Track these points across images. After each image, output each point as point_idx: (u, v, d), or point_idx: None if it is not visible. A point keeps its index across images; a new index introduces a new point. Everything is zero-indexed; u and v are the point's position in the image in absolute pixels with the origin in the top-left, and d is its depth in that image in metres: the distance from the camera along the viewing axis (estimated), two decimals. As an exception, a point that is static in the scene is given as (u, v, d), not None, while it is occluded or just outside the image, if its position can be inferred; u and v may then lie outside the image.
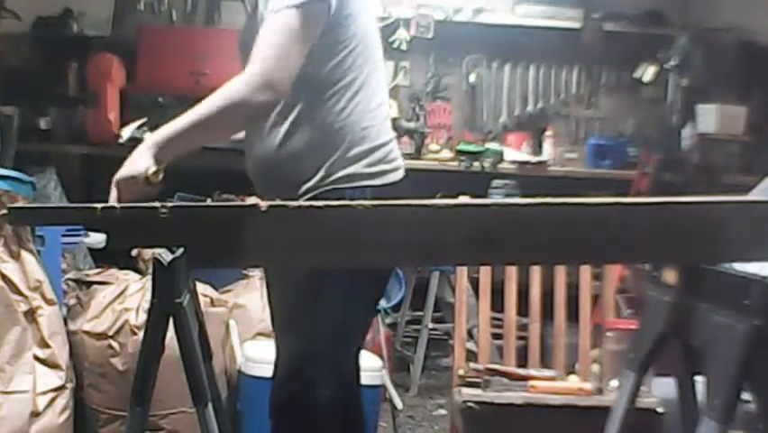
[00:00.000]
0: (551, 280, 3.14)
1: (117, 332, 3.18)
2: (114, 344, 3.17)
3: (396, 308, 4.57)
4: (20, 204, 2.91)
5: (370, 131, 2.21)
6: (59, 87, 4.90)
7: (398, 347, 4.68)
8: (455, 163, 5.06)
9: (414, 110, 5.31)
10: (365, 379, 3.12)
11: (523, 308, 3.15)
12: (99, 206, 1.68)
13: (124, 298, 3.27)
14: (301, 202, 1.72)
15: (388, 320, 4.52)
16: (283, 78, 2.05)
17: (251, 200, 2.33)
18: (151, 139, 2.05)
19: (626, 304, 3.84)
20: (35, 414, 2.91)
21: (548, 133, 5.26)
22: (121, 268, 3.58)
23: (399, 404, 3.56)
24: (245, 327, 3.42)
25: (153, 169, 2.00)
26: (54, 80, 4.90)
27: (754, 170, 4.37)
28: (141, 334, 2.77)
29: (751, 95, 4.89)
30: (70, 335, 3.18)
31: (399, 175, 2.25)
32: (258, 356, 3.16)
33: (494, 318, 3.23)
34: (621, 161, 5.16)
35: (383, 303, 4.48)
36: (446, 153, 5.16)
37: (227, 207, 1.82)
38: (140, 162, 2.00)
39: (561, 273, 3.15)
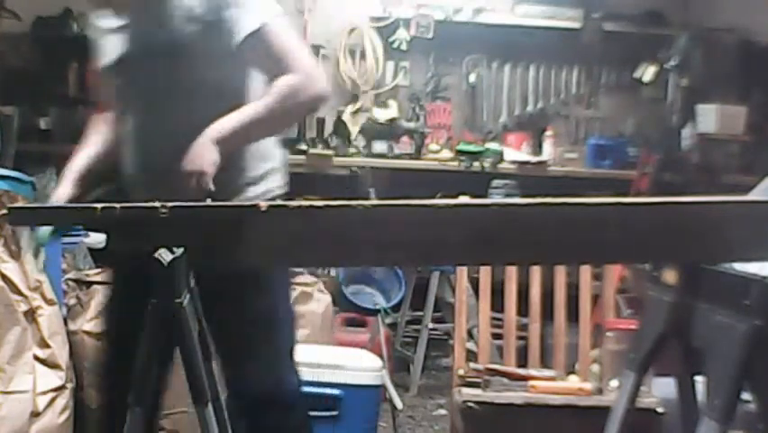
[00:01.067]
0: (551, 280, 3.14)
1: (117, 332, 3.17)
2: (114, 344, 3.16)
3: (396, 308, 4.57)
4: (20, 204, 2.91)
5: (276, 148, 2.31)
6: (59, 87, 4.90)
7: (398, 347, 4.68)
8: (455, 163, 5.06)
9: (414, 110, 5.31)
10: (365, 379, 3.14)
11: (523, 308, 3.15)
12: (99, 206, 1.68)
13: (124, 298, 3.27)
14: (301, 202, 1.72)
15: (388, 320, 4.52)
16: (322, 73, 2.20)
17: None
18: (216, 132, 2.07)
19: (626, 304, 3.84)
20: (35, 414, 2.91)
21: (548, 133, 5.27)
22: (121, 268, 3.57)
23: (399, 404, 3.56)
24: (245, 327, 3.41)
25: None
26: (54, 80, 4.90)
27: (754, 170, 4.37)
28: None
29: (751, 95, 4.89)
30: (70, 335, 3.18)
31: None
32: (258, 356, 3.16)
33: (494, 318, 3.23)
34: (621, 161, 5.17)
35: (383, 303, 4.49)
36: (446, 153, 5.16)
37: (227, 207, 1.82)
38: (210, 157, 2.04)
39: (561, 273, 3.15)
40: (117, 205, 1.72)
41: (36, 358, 2.98)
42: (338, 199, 1.74)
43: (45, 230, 2.09)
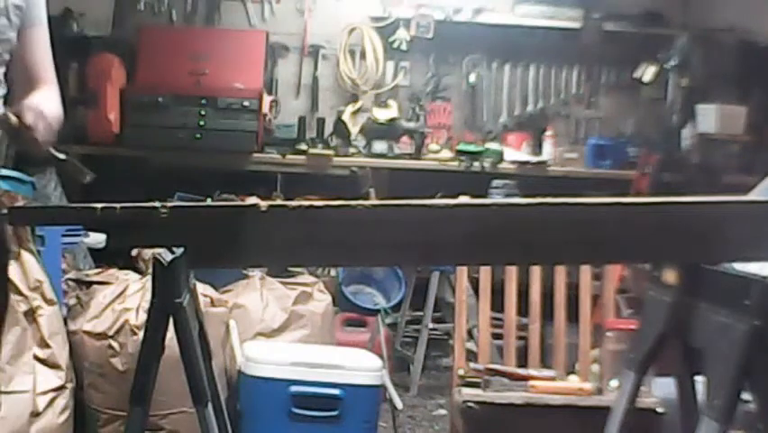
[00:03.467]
0: (551, 280, 3.14)
1: (117, 332, 3.17)
2: (114, 344, 3.16)
3: (396, 308, 4.57)
4: (20, 204, 2.91)
5: None
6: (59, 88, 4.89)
7: (398, 347, 4.68)
8: (455, 163, 5.06)
9: (414, 110, 5.31)
10: (365, 379, 3.14)
11: (523, 308, 3.14)
12: (99, 206, 1.68)
13: (124, 298, 3.27)
14: (301, 202, 1.72)
15: (388, 320, 4.51)
16: None
17: (251, 200, 2.33)
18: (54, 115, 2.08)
19: (626, 304, 3.84)
20: (35, 414, 2.90)
21: (548, 133, 5.27)
22: (121, 268, 3.58)
23: (399, 404, 3.56)
24: (245, 327, 3.41)
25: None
26: (54, 80, 4.89)
27: (754, 170, 4.37)
28: (141, 334, 2.76)
29: (751, 95, 4.89)
30: (70, 335, 3.17)
31: None
32: (258, 356, 3.16)
33: (494, 318, 3.23)
34: (621, 161, 5.17)
35: (383, 303, 4.49)
36: (446, 153, 5.16)
37: (227, 207, 1.82)
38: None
39: (561, 273, 3.15)
40: (117, 205, 1.72)
41: (36, 358, 2.98)
42: (338, 199, 1.74)
43: None
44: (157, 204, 1.68)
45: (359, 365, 3.17)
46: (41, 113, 1.97)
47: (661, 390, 2.69)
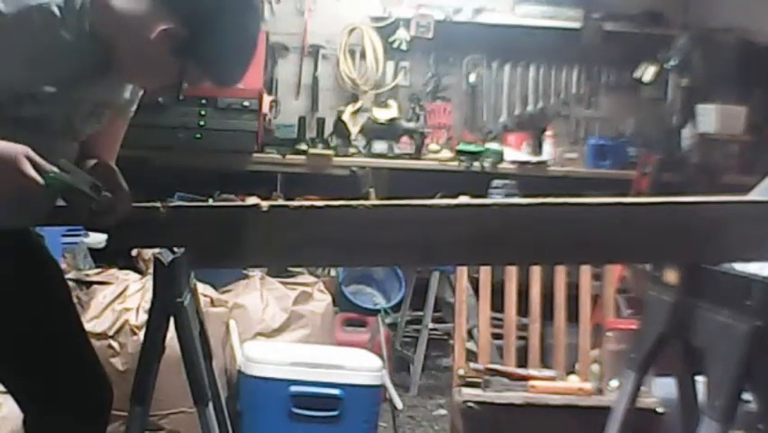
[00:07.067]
0: (551, 280, 3.14)
1: (117, 332, 3.17)
2: (114, 344, 3.16)
3: (396, 308, 4.57)
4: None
5: None
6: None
7: (398, 347, 4.68)
8: (455, 163, 5.06)
9: (414, 110, 5.31)
10: (365, 379, 3.14)
11: (523, 308, 3.14)
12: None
13: (124, 298, 3.26)
14: (301, 202, 1.72)
15: (388, 320, 4.51)
16: None
17: (251, 200, 2.32)
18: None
19: (626, 304, 3.84)
20: (35, 414, 2.90)
21: (548, 133, 5.27)
22: (121, 268, 3.57)
23: (399, 404, 3.56)
24: (245, 327, 3.42)
25: None
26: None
27: (754, 170, 4.37)
28: (141, 334, 2.76)
29: (751, 95, 4.89)
30: (70, 335, 3.17)
31: None
32: (258, 356, 3.16)
33: (494, 318, 3.23)
34: (621, 161, 5.17)
35: (383, 303, 4.49)
36: (446, 153, 5.16)
37: (227, 207, 1.82)
38: None
39: (561, 273, 3.15)
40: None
41: (36, 358, 2.97)
42: (338, 199, 1.74)
43: None
44: (157, 204, 1.68)
45: (359, 365, 3.17)
46: (130, 203, 1.71)
47: (661, 390, 2.69)
